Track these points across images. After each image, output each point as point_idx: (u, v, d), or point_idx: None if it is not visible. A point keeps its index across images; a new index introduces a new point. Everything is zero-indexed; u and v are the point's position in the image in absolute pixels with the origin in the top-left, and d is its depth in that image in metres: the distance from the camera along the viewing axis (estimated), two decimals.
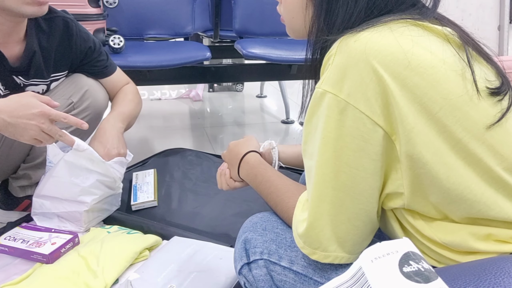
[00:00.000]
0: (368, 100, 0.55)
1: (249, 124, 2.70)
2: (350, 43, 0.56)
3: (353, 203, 0.59)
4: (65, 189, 1.13)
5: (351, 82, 0.55)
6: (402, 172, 0.57)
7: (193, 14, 2.21)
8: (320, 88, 0.58)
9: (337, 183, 0.58)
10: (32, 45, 1.17)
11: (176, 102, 3.06)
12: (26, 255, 1.05)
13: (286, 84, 2.79)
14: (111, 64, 1.38)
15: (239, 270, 0.71)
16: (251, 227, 0.73)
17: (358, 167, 0.57)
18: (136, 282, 0.93)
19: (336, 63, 0.57)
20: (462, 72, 0.56)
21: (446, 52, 0.57)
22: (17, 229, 1.14)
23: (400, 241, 0.43)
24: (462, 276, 0.48)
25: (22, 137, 1.00)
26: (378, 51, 0.55)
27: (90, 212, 1.15)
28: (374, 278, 0.40)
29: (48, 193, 1.15)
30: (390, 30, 0.57)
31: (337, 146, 0.57)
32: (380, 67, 0.54)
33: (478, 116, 0.55)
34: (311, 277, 0.65)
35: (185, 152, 1.71)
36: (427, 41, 0.57)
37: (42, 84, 1.24)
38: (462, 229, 0.58)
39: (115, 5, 1.95)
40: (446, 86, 0.55)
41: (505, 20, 1.98)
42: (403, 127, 0.55)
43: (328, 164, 0.58)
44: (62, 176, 1.13)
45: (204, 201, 1.34)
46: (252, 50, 1.88)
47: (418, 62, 0.55)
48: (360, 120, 0.55)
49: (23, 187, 1.34)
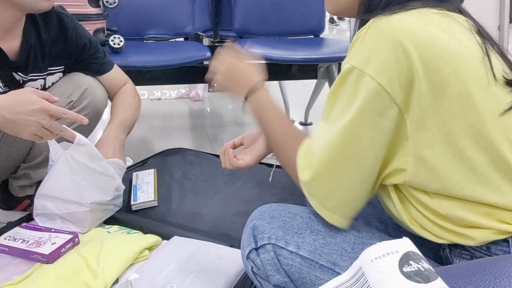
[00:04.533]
0: (391, 78, 0.58)
1: (249, 124, 2.70)
2: (382, 24, 0.60)
3: (356, 170, 0.64)
4: (66, 188, 1.13)
5: (378, 59, 0.59)
6: (409, 149, 0.61)
7: (193, 14, 2.21)
8: (348, 63, 0.62)
9: (346, 150, 0.63)
10: (29, 39, 1.18)
11: (176, 102, 3.05)
12: (26, 255, 1.05)
13: (286, 84, 2.78)
14: (108, 61, 1.37)
15: (247, 255, 0.73)
16: (259, 215, 0.75)
17: (368, 139, 0.61)
18: (136, 282, 0.93)
19: (366, 41, 0.61)
20: (483, 59, 0.60)
21: (469, 40, 0.61)
22: (17, 229, 1.13)
23: (400, 241, 0.43)
24: (462, 276, 0.48)
25: (22, 133, 0.99)
26: (407, 33, 0.58)
27: (93, 212, 1.14)
28: (374, 278, 0.40)
29: (50, 193, 1.14)
30: (420, 14, 0.61)
31: (355, 117, 0.61)
32: (410, 48, 0.57)
33: (493, 102, 0.59)
34: (317, 261, 0.67)
35: (185, 152, 1.71)
36: (452, 28, 0.61)
37: (40, 78, 1.24)
38: (462, 205, 0.61)
39: (115, 5, 1.95)
40: (467, 71, 0.58)
41: (505, 20, 1.98)
42: (419, 107, 0.58)
43: (341, 132, 0.62)
44: (63, 174, 1.12)
45: (204, 201, 1.34)
46: (252, 50, 1.88)
47: (444, 47, 0.58)
48: (380, 95, 0.59)
49: (23, 187, 1.34)
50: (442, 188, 0.61)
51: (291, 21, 2.25)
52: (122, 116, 1.30)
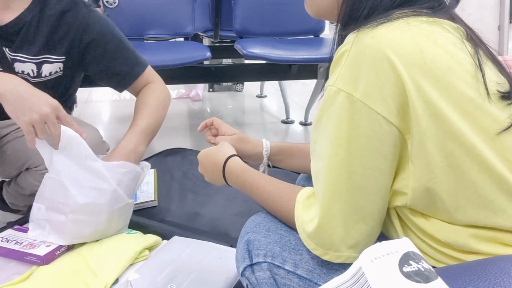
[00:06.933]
0: (384, 100, 0.54)
1: (249, 124, 2.70)
2: (366, 40, 0.55)
3: (368, 203, 0.58)
4: (53, 189, 1.02)
5: (367, 81, 0.54)
6: (410, 172, 0.57)
7: (193, 14, 2.21)
8: (334, 86, 0.56)
9: (351, 183, 0.57)
10: (27, 15, 1.12)
11: (176, 102, 3.05)
12: (20, 257, 1.02)
13: (286, 84, 2.79)
14: (133, 68, 1.23)
15: (241, 272, 0.70)
16: (254, 227, 0.71)
17: (373, 168, 0.56)
18: (136, 282, 0.93)
19: (351, 60, 0.55)
20: (475, 74, 0.55)
21: (461, 53, 0.56)
22: (10, 231, 1.11)
23: (400, 241, 0.43)
24: (462, 276, 0.48)
25: (24, 115, 0.95)
26: (395, 49, 0.54)
27: (74, 223, 1.02)
28: (374, 278, 0.40)
29: (43, 193, 1.05)
30: (408, 25, 0.55)
31: (351, 147, 0.56)
32: (399, 65, 0.53)
33: (489, 122, 0.55)
34: (316, 282, 0.64)
35: (185, 152, 1.71)
36: (444, 39, 0.56)
37: (30, 62, 1.14)
38: (464, 231, 0.58)
39: (115, 5, 1.95)
40: (460, 89, 0.54)
41: (505, 20, 1.98)
42: (417, 129, 0.54)
43: (341, 165, 0.57)
44: (54, 170, 1.02)
45: (204, 201, 1.34)
46: (252, 50, 1.88)
47: (434, 63, 0.54)
48: (376, 121, 0.54)
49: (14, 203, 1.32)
50: (444, 212, 0.57)
51: (291, 21, 2.25)
52: (144, 121, 1.17)
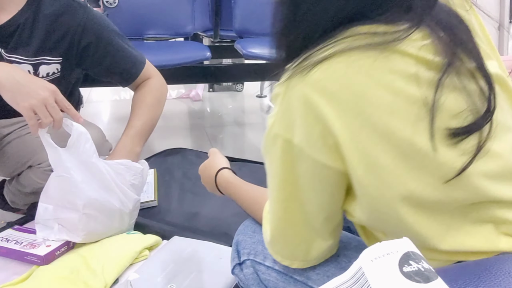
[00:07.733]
0: (320, 149, 0.53)
1: (249, 124, 2.70)
2: (299, 86, 0.52)
3: (320, 225, 0.60)
4: (61, 188, 1.03)
5: (303, 129, 0.53)
6: (356, 204, 0.57)
7: (193, 14, 2.20)
8: (272, 131, 0.56)
9: (294, 219, 0.59)
10: (22, 17, 1.11)
11: (176, 102, 3.05)
12: (20, 257, 1.03)
13: None
14: (133, 66, 1.25)
15: (232, 270, 0.77)
16: (243, 230, 0.78)
17: (316, 203, 0.57)
18: (136, 282, 0.93)
19: (285, 107, 0.54)
20: (424, 116, 0.49)
21: (412, 87, 0.50)
22: (10, 231, 1.12)
23: (400, 241, 0.43)
24: (462, 276, 0.48)
25: (23, 101, 0.95)
26: (329, 98, 0.50)
27: (88, 218, 1.03)
28: (374, 278, 0.40)
29: (50, 193, 1.06)
30: (347, 66, 0.50)
31: (298, 183, 0.56)
32: (332, 116, 0.50)
33: (435, 170, 0.50)
34: (291, 275, 0.68)
35: (185, 152, 1.71)
36: (390, 76, 0.50)
37: (26, 63, 1.13)
38: (435, 256, 0.54)
39: (115, 5, 1.95)
40: (400, 137, 0.50)
41: (505, 20, 1.99)
42: (356, 178, 0.53)
43: (285, 202, 0.59)
44: (58, 166, 1.02)
45: (204, 201, 1.34)
46: (252, 50, 1.88)
47: (373, 109, 0.49)
48: (315, 166, 0.54)
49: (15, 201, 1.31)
50: None
51: None
52: (140, 122, 1.21)
